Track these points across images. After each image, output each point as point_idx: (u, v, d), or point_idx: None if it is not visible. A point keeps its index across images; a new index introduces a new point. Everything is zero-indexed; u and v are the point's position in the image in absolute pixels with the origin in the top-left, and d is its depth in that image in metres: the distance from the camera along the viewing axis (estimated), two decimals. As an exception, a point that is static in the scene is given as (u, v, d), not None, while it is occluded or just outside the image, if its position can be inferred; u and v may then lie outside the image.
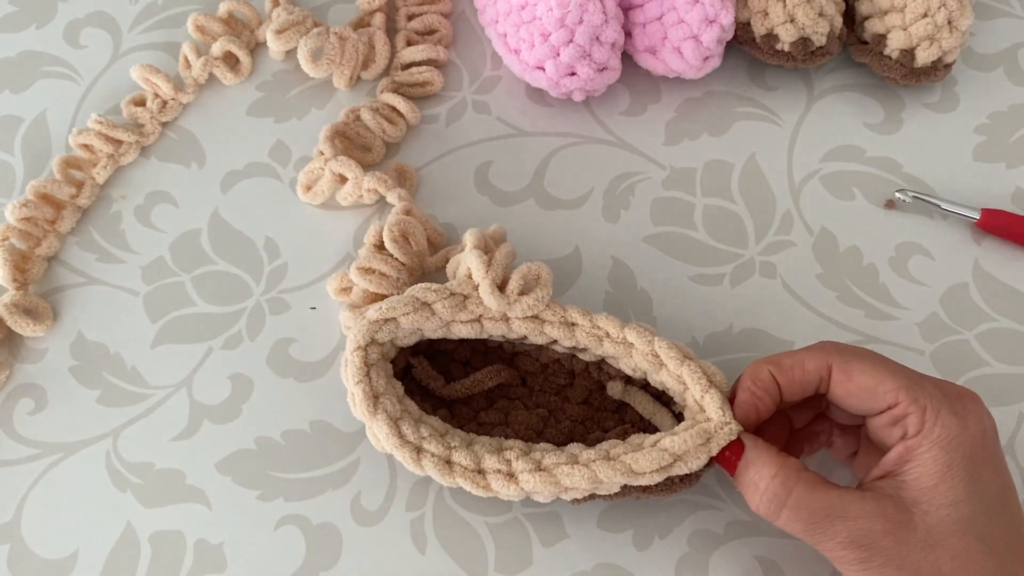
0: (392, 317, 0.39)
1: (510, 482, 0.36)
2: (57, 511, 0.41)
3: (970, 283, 0.46)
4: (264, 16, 0.53)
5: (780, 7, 0.47)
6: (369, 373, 0.38)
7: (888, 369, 0.34)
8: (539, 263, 0.40)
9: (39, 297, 0.46)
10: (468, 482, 0.37)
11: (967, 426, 0.33)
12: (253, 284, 0.46)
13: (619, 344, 0.39)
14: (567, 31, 0.46)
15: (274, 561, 0.40)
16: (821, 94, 0.51)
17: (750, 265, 0.46)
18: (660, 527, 0.40)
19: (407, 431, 0.37)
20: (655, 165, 0.49)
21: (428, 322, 0.39)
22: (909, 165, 0.49)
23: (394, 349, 0.40)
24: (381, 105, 0.50)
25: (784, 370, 0.36)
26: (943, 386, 0.34)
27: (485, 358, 0.43)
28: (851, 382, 0.35)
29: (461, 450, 0.37)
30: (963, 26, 0.47)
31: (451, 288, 0.39)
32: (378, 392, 0.38)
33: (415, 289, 0.39)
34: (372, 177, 0.46)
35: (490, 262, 0.39)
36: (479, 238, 0.41)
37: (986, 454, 0.33)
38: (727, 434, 0.36)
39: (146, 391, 0.44)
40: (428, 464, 0.37)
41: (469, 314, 0.39)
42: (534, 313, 0.39)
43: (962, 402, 0.34)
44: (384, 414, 0.37)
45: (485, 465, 0.37)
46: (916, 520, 0.32)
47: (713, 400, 0.36)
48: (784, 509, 0.34)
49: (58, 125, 0.51)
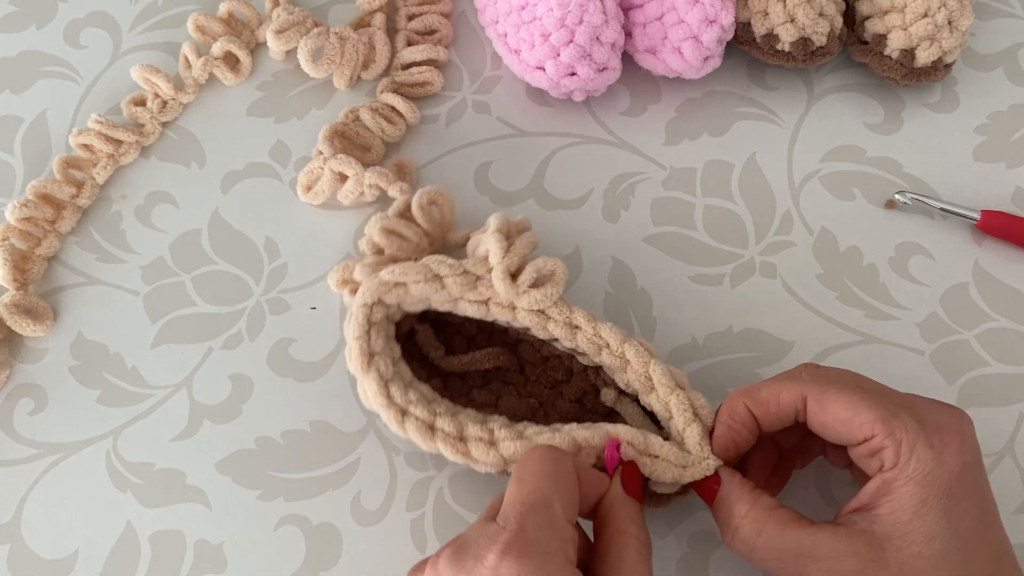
0: (403, 282, 0.39)
1: (490, 448, 0.37)
2: (57, 511, 0.41)
3: (970, 283, 0.46)
4: (264, 16, 0.53)
5: (780, 7, 0.47)
6: (370, 331, 0.39)
7: (865, 400, 0.33)
8: (557, 260, 0.40)
9: (39, 297, 0.46)
10: (449, 448, 0.38)
11: (943, 460, 0.32)
12: (253, 284, 0.46)
13: (616, 358, 0.39)
14: (567, 31, 0.46)
15: (274, 561, 0.40)
16: (821, 94, 0.51)
17: (750, 265, 0.46)
18: (660, 527, 0.40)
19: (395, 393, 0.38)
20: (655, 165, 0.49)
21: (437, 294, 0.40)
22: (909, 165, 0.49)
23: (400, 312, 0.41)
24: (380, 105, 0.50)
25: (760, 403, 0.36)
26: (923, 416, 0.33)
27: (489, 339, 0.44)
28: (826, 414, 0.34)
29: (445, 417, 0.38)
30: (963, 26, 0.47)
31: (465, 266, 0.40)
32: (374, 351, 0.39)
33: (430, 259, 0.40)
34: (373, 172, 0.46)
35: (508, 248, 0.40)
36: (503, 223, 0.41)
37: (964, 488, 0.32)
38: (704, 469, 0.36)
39: (146, 391, 0.44)
40: (411, 427, 0.38)
41: (478, 295, 0.40)
42: (541, 308, 0.40)
43: (940, 434, 0.33)
44: (376, 373, 0.38)
45: (467, 433, 0.38)
46: (888, 557, 0.32)
47: (693, 434, 0.37)
48: (755, 550, 0.34)
49: (58, 125, 0.51)
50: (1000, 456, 0.42)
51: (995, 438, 0.42)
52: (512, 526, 0.31)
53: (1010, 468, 0.41)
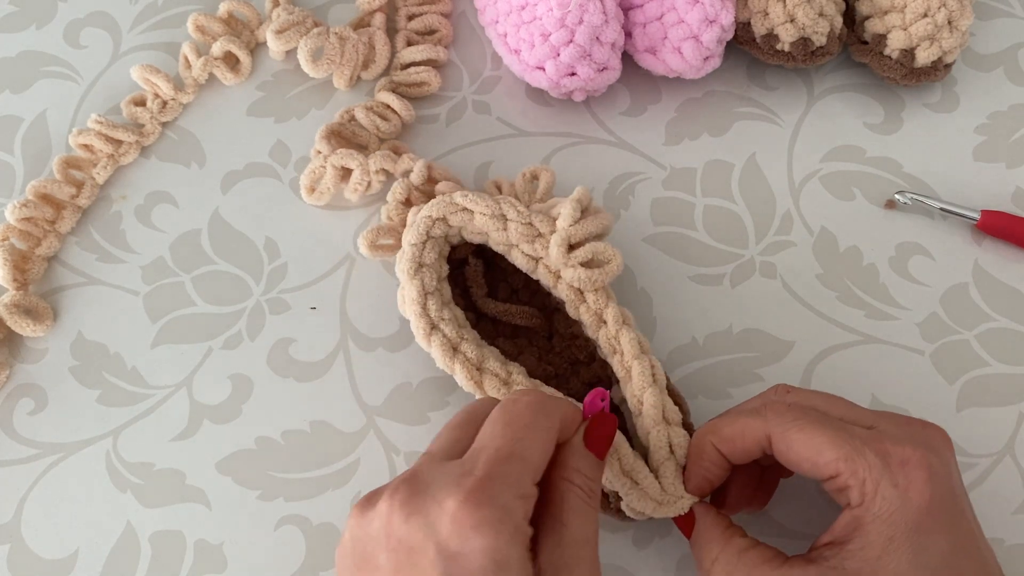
0: (471, 209, 0.41)
1: (503, 387, 0.38)
2: (57, 511, 0.41)
3: (970, 283, 0.46)
4: (264, 16, 0.53)
5: (780, 7, 0.47)
6: (427, 242, 0.40)
7: (828, 438, 0.33)
8: (617, 251, 0.40)
9: (39, 297, 0.46)
10: (465, 372, 0.39)
11: (908, 497, 0.32)
12: (253, 284, 0.46)
13: (623, 369, 0.39)
14: (567, 31, 0.46)
15: (274, 561, 0.40)
16: (821, 94, 0.51)
17: (750, 265, 0.46)
18: (660, 527, 0.40)
19: (431, 306, 0.40)
20: (655, 165, 0.49)
21: (497, 233, 0.41)
22: (909, 165, 0.49)
23: (459, 237, 0.42)
24: (376, 104, 0.50)
25: (725, 441, 0.36)
26: (888, 451, 0.33)
27: (531, 297, 0.45)
28: (791, 452, 0.34)
29: (470, 343, 0.39)
30: (963, 26, 0.47)
31: (533, 218, 0.41)
32: (425, 262, 0.41)
33: (504, 199, 0.41)
34: (377, 157, 0.46)
35: (579, 220, 0.40)
36: (586, 196, 0.41)
37: (933, 521, 0.32)
38: (678, 509, 0.36)
39: (146, 391, 0.44)
40: (436, 341, 0.39)
41: (533, 250, 0.41)
42: (581, 287, 0.40)
43: (905, 471, 0.32)
44: (420, 282, 0.40)
45: (487, 366, 0.39)
46: None
47: (667, 472, 0.37)
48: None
49: (58, 125, 0.51)
50: (1000, 456, 0.42)
51: (995, 438, 0.42)
52: (479, 472, 0.30)
53: (1010, 468, 0.41)
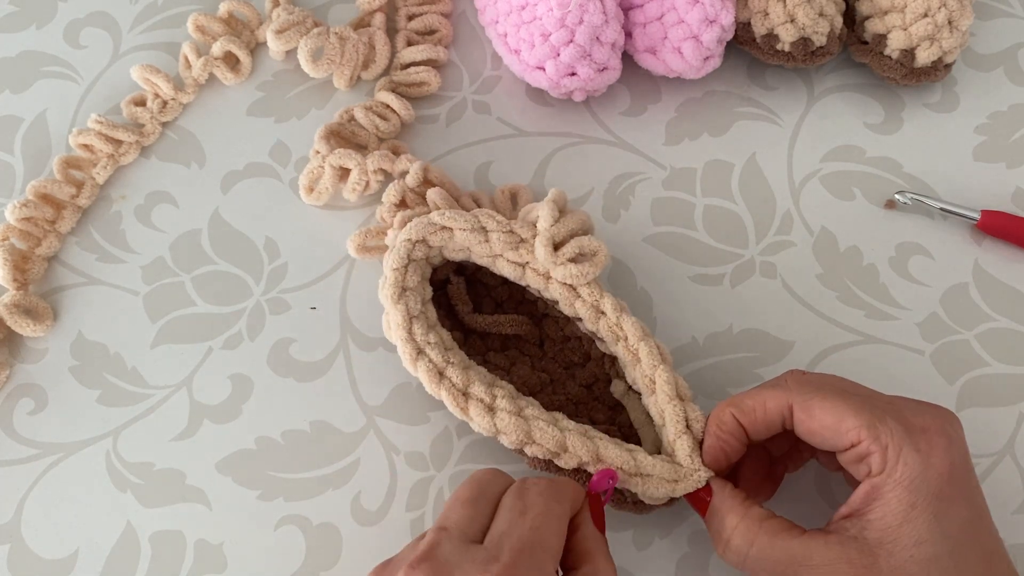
0: (450, 227, 0.40)
1: (487, 413, 0.38)
2: (57, 511, 0.41)
3: (970, 283, 0.46)
4: (264, 16, 0.53)
5: (780, 7, 0.47)
6: (408, 266, 0.40)
7: (850, 406, 0.33)
8: (601, 243, 0.40)
9: (39, 297, 0.46)
10: (451, 398, 0.38)
11: (931, 463, 0.32)
12: (253, 284, 0.46)
13: (630, 353, 0.39)
14: (567, 31, 0.46)
15: (274, 561, 0.40)
16: (821, 94, 0.51)
17: (750, 265, 0.46)
18: (660, 527, 0.40)
19: (417, 331, 0.39)
20: (655, 165, 0.49)
21: (479, 247, 0.41)
22: (909, 165, 0.49)
23: (440, 257, 0.42)
24: (375, 103, 0.50)
25: (746, 412, 0.36)
26: (908, 419, 0.33)
27: (517, 307, 0.45)
28: (812, 420, 0.34)
29: (457, 368, 0.39)
30: (963, 26, 0.47)
31: (513, 226, 0.41)
32: (408, 286, 0.40)
33: (481, 212, 0.41)
34: (375, 157, 0.46)
35: (558, 219, 0.40)
36: (560, 196, 0.42)
37: (953, 489, 0.32)
38: (695, 481, 0.36)
39: (146, 391, 0.44)
40: (422, 367, 0.39)
41: (518, 256, 0.41)
42: (573, 283, 0.40)
43: (926, 437, 0.33)
44: (404, 307, 0.39)
45: (472, 390, 0.39)
46: (880, 563, 0.32)
47: (683, 446, 0.37)
48: (747, 560, 0.34)
49: (58, 125, 0.51)
50: (1000, 456, 0.42)
51: (995, 438, 0.42)
52: (505, 559, 0.30)
53: (1010, 468, 0.41)
